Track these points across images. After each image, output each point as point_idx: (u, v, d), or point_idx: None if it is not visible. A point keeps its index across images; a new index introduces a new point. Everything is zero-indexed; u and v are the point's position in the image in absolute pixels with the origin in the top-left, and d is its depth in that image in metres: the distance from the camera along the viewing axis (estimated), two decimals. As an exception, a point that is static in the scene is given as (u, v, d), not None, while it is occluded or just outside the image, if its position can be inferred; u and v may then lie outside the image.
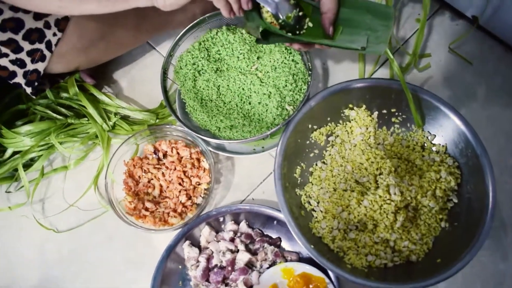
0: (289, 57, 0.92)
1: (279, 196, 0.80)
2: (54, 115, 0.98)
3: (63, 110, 1.00)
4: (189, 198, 0.90)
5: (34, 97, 0.89)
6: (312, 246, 0.77)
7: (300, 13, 0.76)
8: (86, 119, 0.98)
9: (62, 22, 0.84)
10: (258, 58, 0.94)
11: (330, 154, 0.91)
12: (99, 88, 1.04)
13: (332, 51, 1.04)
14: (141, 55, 1.09)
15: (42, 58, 0.85)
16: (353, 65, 1.03)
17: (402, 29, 1.04)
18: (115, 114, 0.99)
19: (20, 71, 0.85)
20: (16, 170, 0.98)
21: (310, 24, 0.78)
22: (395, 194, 0.81)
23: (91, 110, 0.96)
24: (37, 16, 0.82)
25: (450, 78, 1.00)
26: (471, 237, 0.76)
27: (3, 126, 0.95)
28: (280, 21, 0.75)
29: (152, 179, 0.92)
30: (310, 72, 0.90)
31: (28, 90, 0.87)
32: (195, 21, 0.94)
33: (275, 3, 0.73)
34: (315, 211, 0.86)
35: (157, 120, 0.99)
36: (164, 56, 0.94)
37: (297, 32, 0.78)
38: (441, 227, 0.84)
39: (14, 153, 0.98)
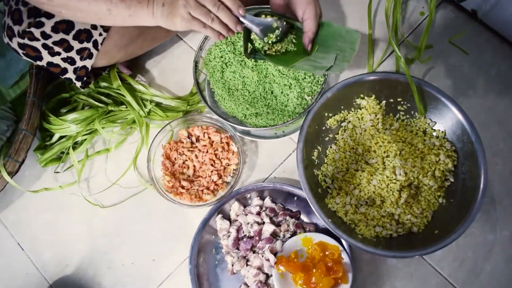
0: (307, 51, 1.03)
1: (301, 177, 0.91)
2: (96, 103, 1.08)
3: (103, 98, 1.10)
4: (220, 177, 1.02)
5: (82, 89, 0.99)
6: (329, 220, 0.89)
7: (283, 30, 0.89)
8: (125, 106, 1.08)
9: None
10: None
11: (343, 138, 1.01)
12: (133, 77, 1.14)
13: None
14: (170, 45, 1.18)
15: (90, 55, 0.94)
16: (362, 55, 1.12)
17: (407, 21, 1.13)
18: (150, 101, 1.09)
19: (70, 68, 0.94)
20: (62, 152, 1.10)
21: (294, 40, 0.92)
22: (400, 174, 0.92)
23: (129, 98, 1.06)
24: None
25: (450, 68, 1.08)
26: (465, 212, 0.86)
27: (51, 114, 1.06)
28: (265, 41, 0.88)
29: (187, 160, 1.04)
30: (327, 67, 1.00)
31: (78, 84, 0.97)
32: (222, 18, 1.03)
33: (259, 28, 0.85)
34: (330, 188, 0.98)
35: (188, 107, 1.10)
36: (195, 50, 1.03)
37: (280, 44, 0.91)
38: (439, 202, 0.94)
39: (60, 137, 1.09)
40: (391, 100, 1.00)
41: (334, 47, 0.90)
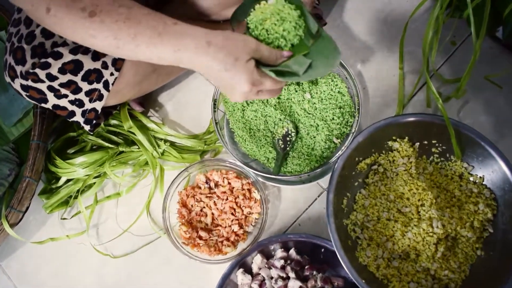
0: (335, 89, 0.95)
1: (331, 232, 0.84)
2: (105, 144, 1.00)
3: (113, 137, 1.02)
4: (241, 227, 0.95)
5: (91, 133, 0.91)
6: (362, 280, 0.83)
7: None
8: (136, 146, 1.00)
9: (119, 62, 0.85)
10: (304, 91, 0.96)
11: (373, 182, 0.94)
12: (145, 113, 1.06)
13: (371, 76, 1.06)
14: (185, 77, 1.10)
15: (100, 97, 0.86)
16: (391, 88, 1.06)
17: (438, 52, 1.06)
18: (164, 141, 1.01)
19: (78, 111, 0.86)
20: (69, 196, 1.02)
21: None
22: (437, 227, 0.86)
23: (141, 138, 0.98)
24: (95, 56, 0.83)
25: (485, 103, 1.02)
26: (506, 268, 0.81)
27: (57, 156, 0.98)
28: None
29: (204, 207, 0.96)
30: (358, 107, 0.93)
31: (87, 128, 0.89)
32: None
33: None
34: (360, 239, 0.91)
35: (205, 146, 1.02)
36: (214, 85, 0.95)
37: None
38: (477, 255, 0.88)
39: (68, 180, 1.01)
40: (425, 142, 0.94)
41: (318, 59, 0.75)
